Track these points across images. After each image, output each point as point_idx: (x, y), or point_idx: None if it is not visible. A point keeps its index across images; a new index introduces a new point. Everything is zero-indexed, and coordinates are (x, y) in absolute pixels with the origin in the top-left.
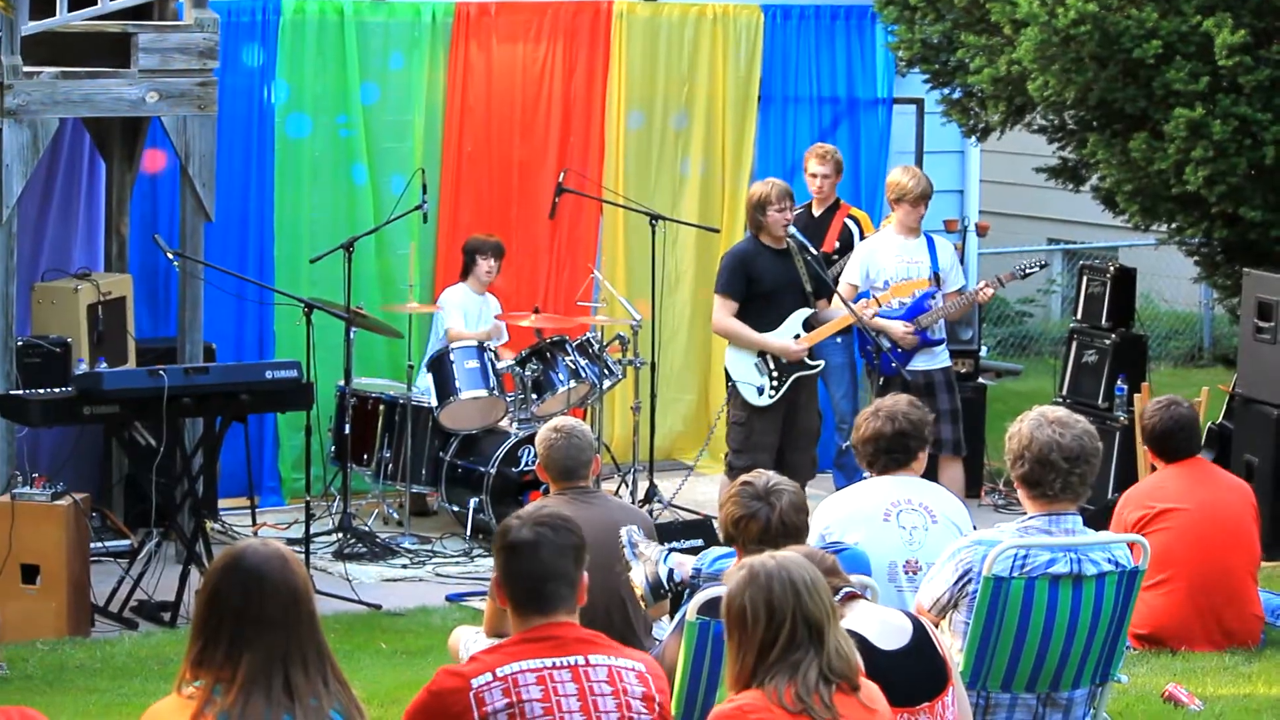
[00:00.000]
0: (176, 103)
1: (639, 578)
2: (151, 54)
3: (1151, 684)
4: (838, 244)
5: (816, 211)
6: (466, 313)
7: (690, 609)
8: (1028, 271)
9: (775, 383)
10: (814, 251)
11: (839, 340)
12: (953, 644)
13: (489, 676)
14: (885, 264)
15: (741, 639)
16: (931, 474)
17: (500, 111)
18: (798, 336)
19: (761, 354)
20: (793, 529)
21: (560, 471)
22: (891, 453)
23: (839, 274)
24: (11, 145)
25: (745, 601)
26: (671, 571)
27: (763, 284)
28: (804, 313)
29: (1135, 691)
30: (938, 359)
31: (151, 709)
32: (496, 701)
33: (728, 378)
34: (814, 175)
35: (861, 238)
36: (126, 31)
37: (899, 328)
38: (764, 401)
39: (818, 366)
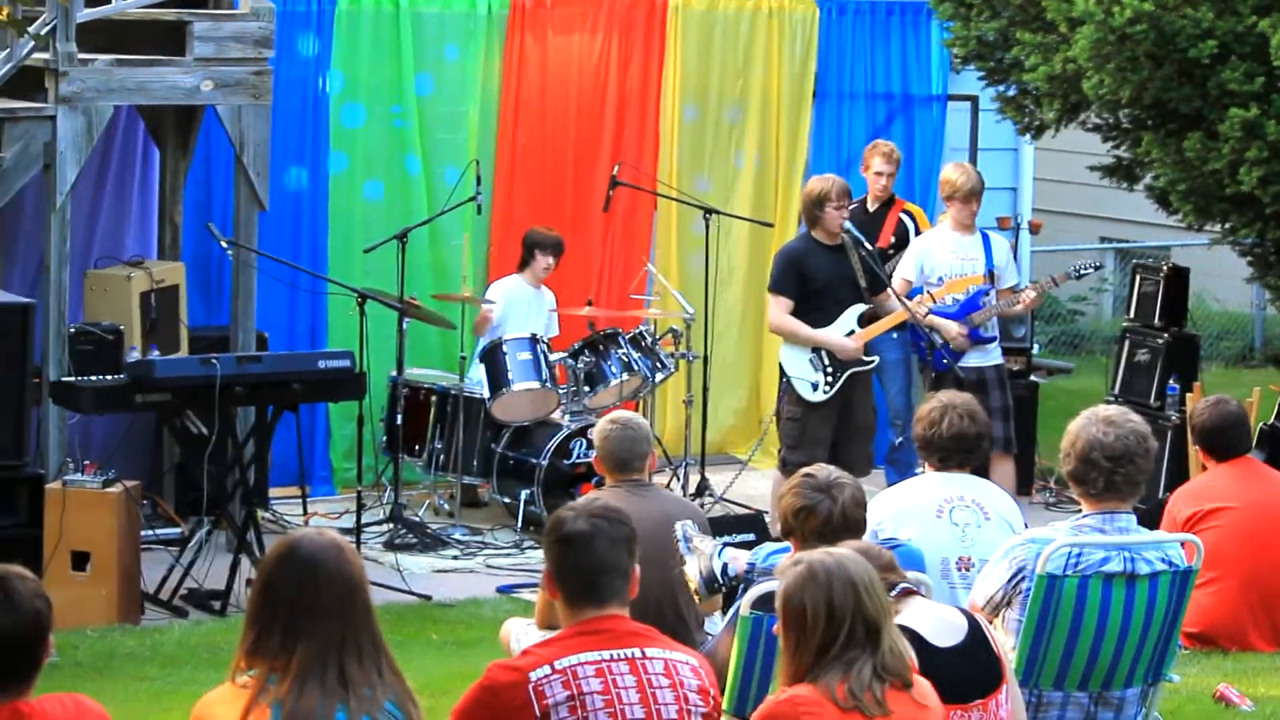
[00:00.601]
0: (231, 91)
1: (693, 572)
2: (207, 43)
3: (1203, 684)
4: (893, 239)
5: (871, 207)
6: (517, 304)
7: (744, 604)
8: (1082, 272)
9: (830, 378)
10: (869, 246)
11: (894, 336)
12: (1006, 641)
13: (547, 669)
14: (940, 260)
15: (800, 638)
16: (982, 471)
17: (555, 104)
18: (852, 332)
19: (816, 350)
20: (853, 523)
21: (616, 464)
22: (967, 452)
23: (894, 270)
24: (66, 132)
25: (805, 601)
26: (726, 566)
27: (816, 281)
28: (859, 308)
29: (1186, 691)
30: (990, 356)
31: (205, 698)
32: (557, 694)
33: (782, 373)
34: (879, 174)
35: (917, 233)
36: (182, 20)
37: (953, 328)
38: (819, 397)
39: (873, 362)
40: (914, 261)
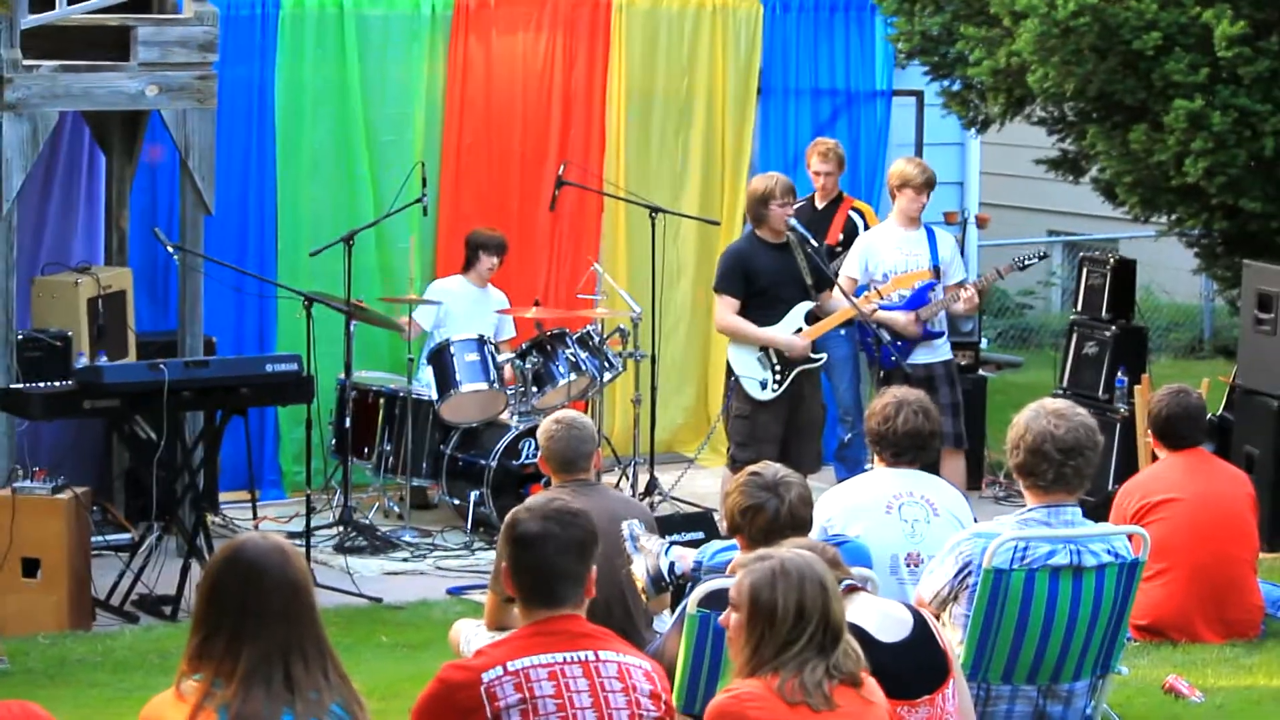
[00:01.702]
0: (176, 96)
1: (640, 571)
2: (151, 47)
3: (1152, 675)
4: (841, 236)
5: (820, 204)
6: (461, 305)
7: (691, 601)
8: (1026, 263)
9: (778, 377)
10: (815, 243)
11: (842, 332)
12: (953, 636)
13: (500, 670)
14: (884, 256)
15: (765, 632)
16: (933, 468)
17: (500, 104)
18: (799, 330)
19: (764, 348)
20: (800, 521)
21: (561, 463)
22: (920, 449)
23: (840, 268)
24: (11, 139)
25: (778, 597)
26: (673, 564)
27: (762, 280)
28: (805, 306)
29: (1136, 683)
30: (939, 352)
31: (152, 702)
32: (509, 696)
33: (729, 372)
34: (817, 172)
35: (866, 229)
36: (126, 25)
37: (901, 318)
38: (767, 395)
39: (820, 359)
40: (858, 259)
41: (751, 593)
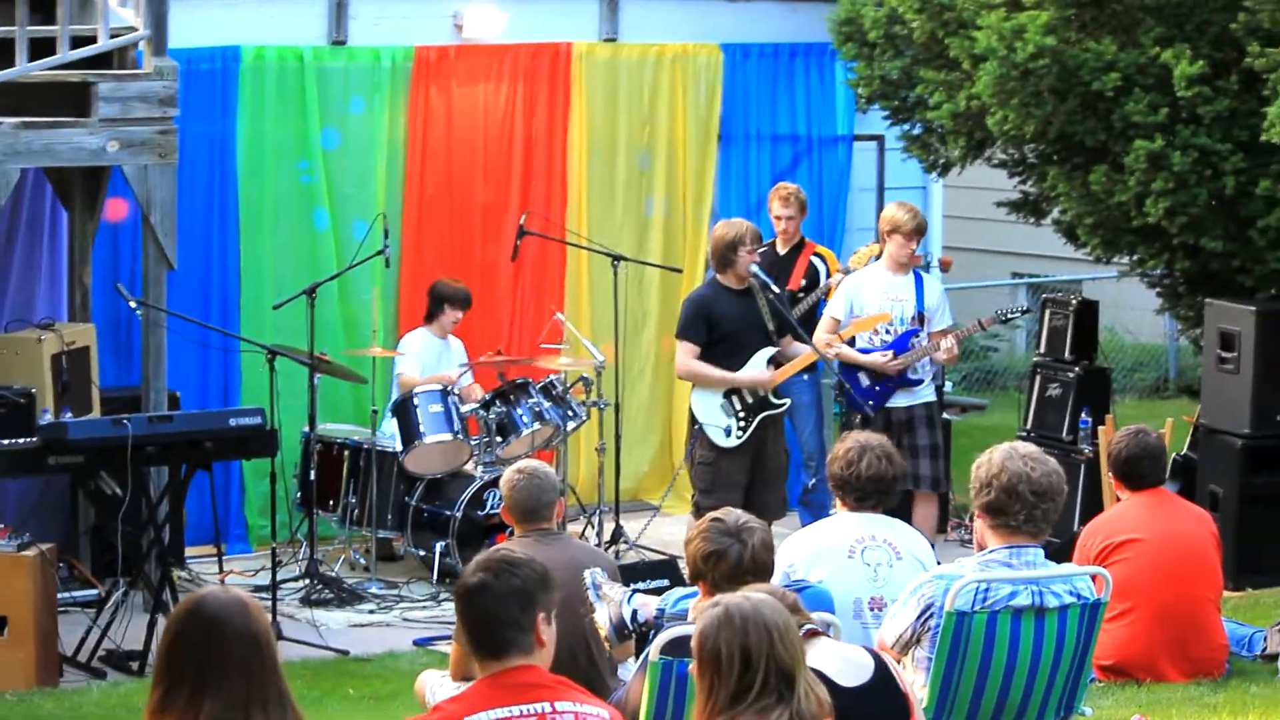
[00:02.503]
0: (137, 151)
1: (603, 619)
2: (112, 103)
3: (1117, 716)
4: (804, 281)
5: (782, 250)
6: (426, 358)
7: (653, 649)
8: (1009, 315)
9: (743, 423)
10: (776, 290)
11: (805, 378)
12: (915, 679)
13: None
14: (869, 299)
15: (715, 681)
16: (906, 508)
17: (461, 154)
18: None
19: (728, 394)
20: (762, 567)
21: (523, 513)
22: (883, 494)
23: (804, 312)
24: None
25: (721, 644)
26: (636, 612)
27: (725, 325)
28: (768, 352)
29: None
30: (919, 396)
31: None
32: None
33: (692, 420)
34: (779, 217)
35: (828, 275)
36: (87, 81)
37: (879, 357)
38: (732, 442)
39: (784, 405)
40: (844, 300)
41: (699, 640)
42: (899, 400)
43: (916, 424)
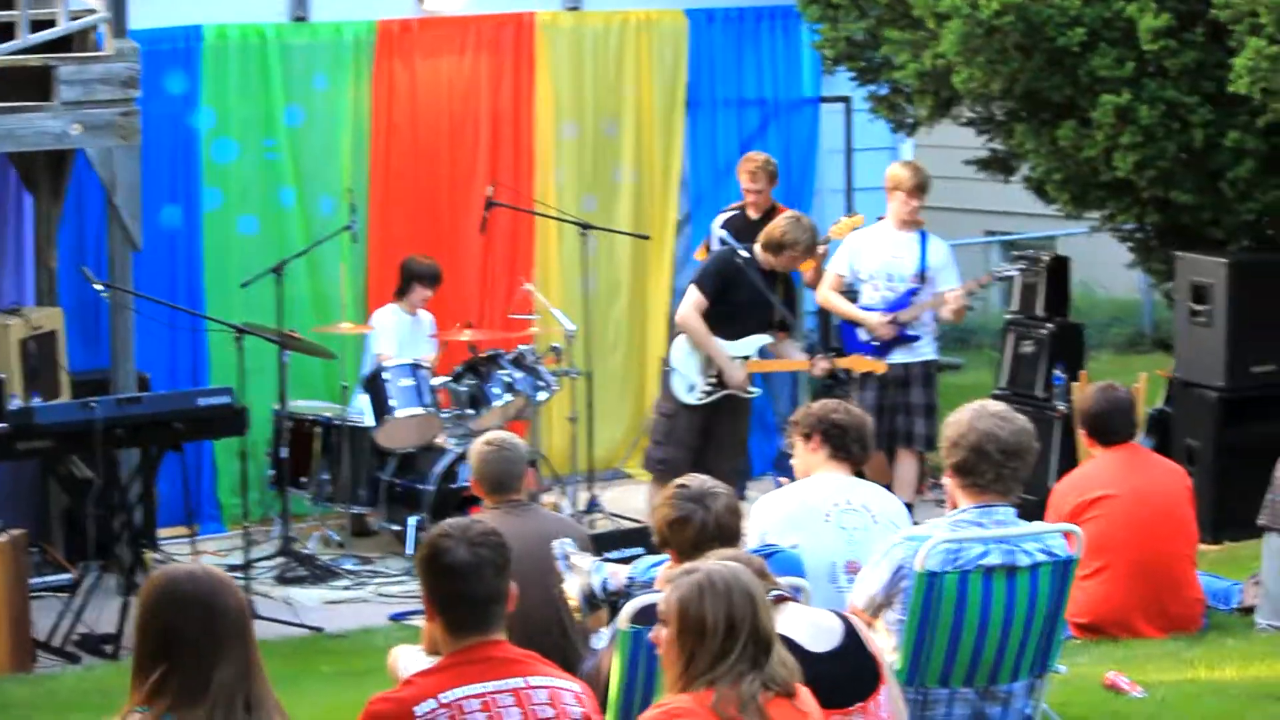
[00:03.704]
0: (100, 134)
1: (573, 589)
2: (74, 86)
3: (1093, 673)
4: None
5: (754, 216)
6: (399, 334)
7: (622, 618)
8: (1003, 275)
9: (708, 389)
10: (744, 254)
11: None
12: (888, 642)
13: (433, 704)
14: (870, 257)
15: (695, 646)
16: (884, 470)
17: (427, 128)
18: (748, 358)
19: (709, 359)
20: (727, 532)
21: (493, 485)
22: (855, 443)
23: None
24: None
25: (706, 611)
26: (605, 581)
27: (740, 294)
28: (761, 339)
29: (1076, 681)
30: (917, 353)
31: None
32: None
33: (665, 363)
34: (748, 190)
35: None
36: (48, 64)
37: (874, 319)
38: (691, 400)
39: (753, 394)
40: (846, 256)
41: (680, 607)
42: (896, 357)
43: (912, 381)
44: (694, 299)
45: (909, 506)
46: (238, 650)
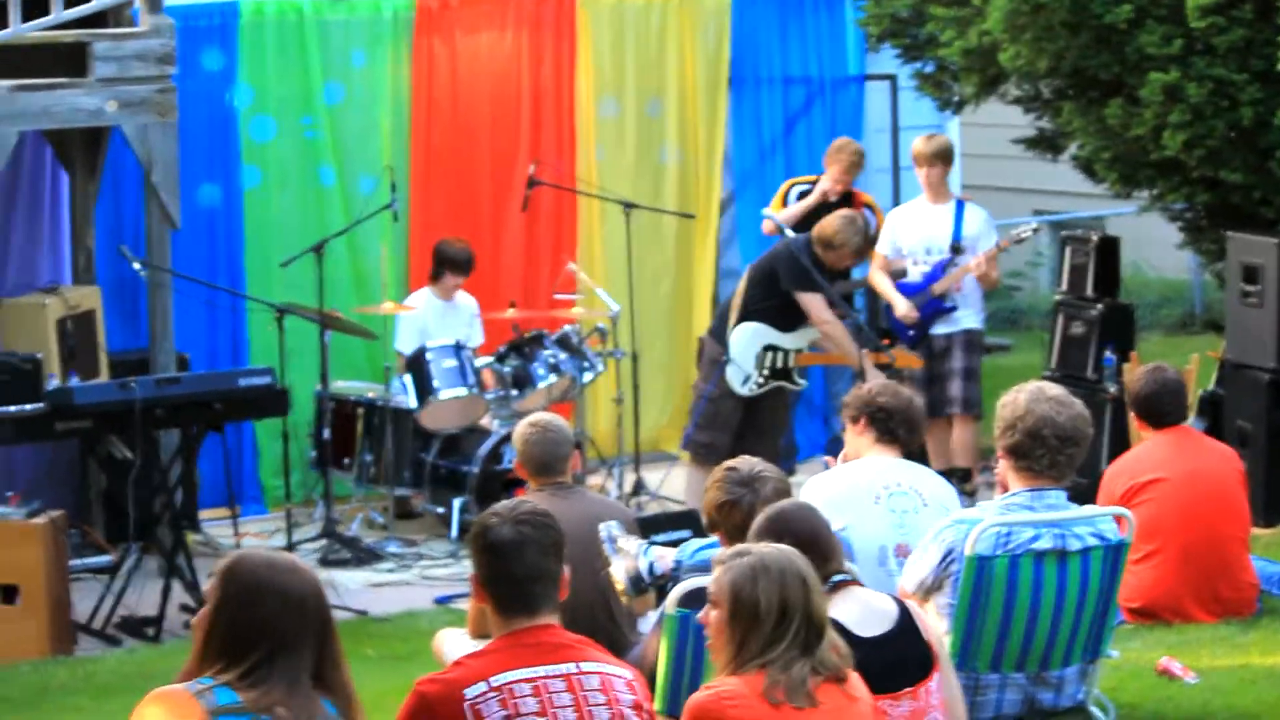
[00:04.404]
0: (136, 110)
1: (619, 573)
2: (109, 62)
3: (1145, 658)
4: None
5: (833, 199)
6: (428, 320)
7: (669, 601)
8: (1022, 236)
9: (762, 380)
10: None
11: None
12: (939, 626)
13: (484, 686)
14: (906, 233)
15: (748, 629)
16: (945, 435)
17: (467, 106)
18: (800, 351)
19: (770, 349)
20: None
21: (538, 467)
22: (905, 428)
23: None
24: None
25: (760, 595)
26: (652, 565)
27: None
28: (811, 333)
29: (1129, 666)
30: (958, 323)
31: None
32: (494, 714)
33: (723, 352)
34: (837, 181)
35: (877, 227)
36: (82, 41)
37: (900, 306)
38: (744, 391)
39: (800, 386)
40: (888, 236)
41: (733, 590)
42: (938, 329)
43: (954, 348)
44: (816, 302)
45: (970, 472)
46: (311, 637)
